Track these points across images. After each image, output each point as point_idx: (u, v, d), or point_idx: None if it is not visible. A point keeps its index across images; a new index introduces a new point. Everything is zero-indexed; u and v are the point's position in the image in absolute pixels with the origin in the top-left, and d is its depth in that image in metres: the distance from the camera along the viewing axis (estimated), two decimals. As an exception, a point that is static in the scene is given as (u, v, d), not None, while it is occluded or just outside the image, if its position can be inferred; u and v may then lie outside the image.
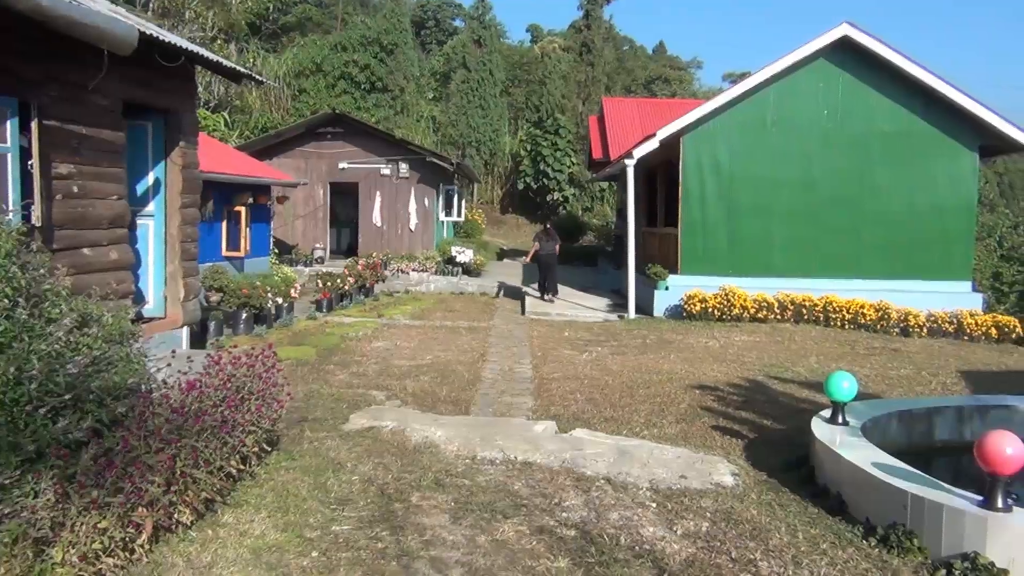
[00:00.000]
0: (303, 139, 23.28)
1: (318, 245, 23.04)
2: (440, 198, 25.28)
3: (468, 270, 21.51)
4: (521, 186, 38.18)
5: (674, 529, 4.90)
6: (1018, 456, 4.45)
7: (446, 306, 16.57)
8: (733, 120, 15.44)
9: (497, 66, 41.09)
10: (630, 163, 15.56)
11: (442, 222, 26.08)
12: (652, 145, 15.28)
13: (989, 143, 15.51)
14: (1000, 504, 4.47)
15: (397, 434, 6.67)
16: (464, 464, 5.99)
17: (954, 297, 14.85)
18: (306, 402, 7.78)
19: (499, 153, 40.01)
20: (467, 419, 7.42)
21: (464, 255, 21.61)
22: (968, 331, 13.98)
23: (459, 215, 28.53)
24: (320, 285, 15.57)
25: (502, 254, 30.29)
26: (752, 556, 4.52)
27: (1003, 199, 50.59)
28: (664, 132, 15.25)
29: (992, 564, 4.32)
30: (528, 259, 18.71)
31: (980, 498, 4.57)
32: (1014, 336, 13.99)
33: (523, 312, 15.88)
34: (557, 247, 17.90)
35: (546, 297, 17.66)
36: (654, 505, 5.29)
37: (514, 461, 6.10)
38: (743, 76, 16.21)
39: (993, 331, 13.95)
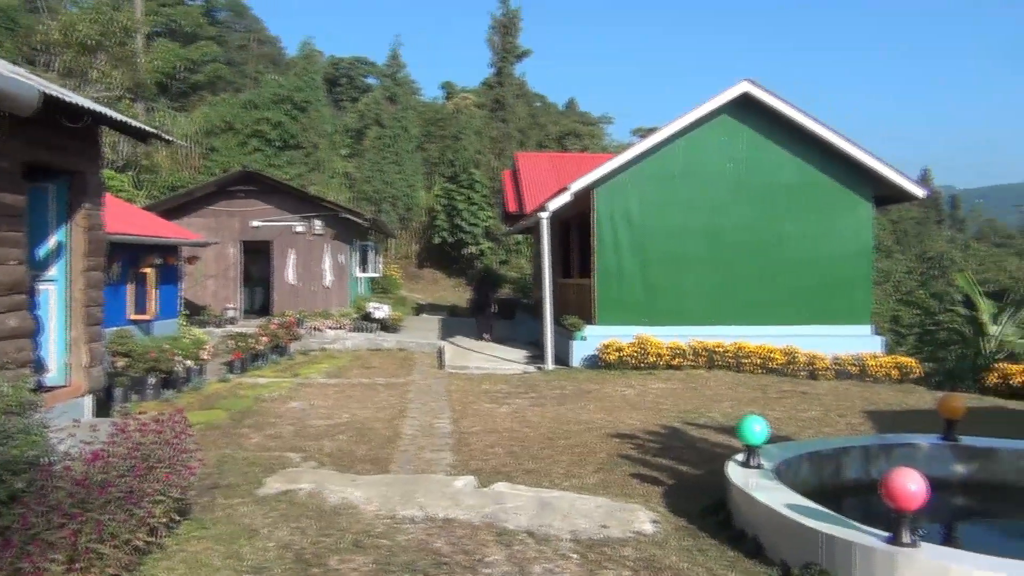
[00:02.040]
0: (214, 198, 22.87)
1: (230, 305, 22.52)
2: (356, 254, 25.10)
3: (385, 326, 21.33)
4: (437, 240, 38.27)
5: (596, 580, 4.90)
6: (921, 492, 4.62)
7: (363, 363, 16.36)
8: (643, 173, 15.88)
9: (411, 122, 41.41)
10: (544, 216, 15.80)
11: (358, 278, 25.87)
12: (565, 198, 15.56)
13: (883, 193, 16.36)
14: (906, 539, 4.62)
15: (314, 496, 6.51)
16: (384, 524, 5.88)
17: (857, 340, 15.45)
18: (219, 467, 7.53)
19: (415, 208, 40.10)
20: (386, 477, 7.30)
21: (381, 311, 21.43)
22: (871, 373, 14.53)
23: (375, 271, 28.36)
24: (232, 346, 15.18)
25: (420, 309, 30.16)
26: (673, 603, 4.55)
27: (899, 246, 53.13)
28: (577, 185, 15.56)
29: (901, 598, 4.45)
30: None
31: (888, 535, 4.72)
32: (913, 377, 14.60)
33: (441, 366, 15.80)
34: (492, 294, 19.41)
35: (485, 336, 19.63)
36: (576, 556, 5.29)
37: (435, 518, 6.02)
38: (651, 131, 16.75)
39: (894, 372, 14.53)
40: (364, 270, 26.41)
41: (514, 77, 43.78)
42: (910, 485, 4.60)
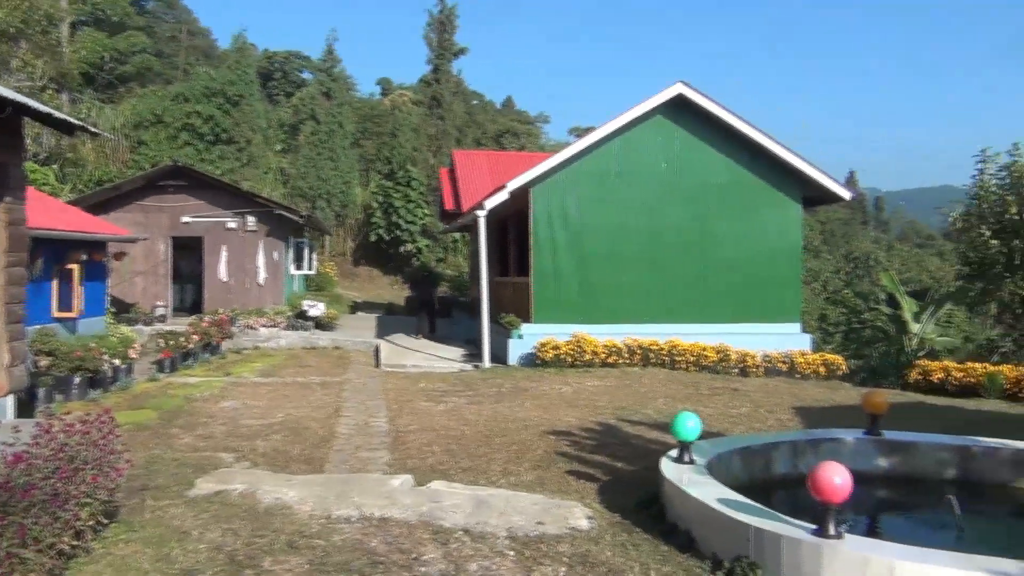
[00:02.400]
0: (143, 192, 22.27)
1: (159, 303, 21.97)
2: (290, 251, 24.74)
3: (321, 324, 21.08)
4: (374, 238, 37.96)
5: (532, 576, 4.94)
6: (846, 486, 4.76)
7: (298, 361, 16.15)
8: (580, 172, 16.02)
9: (347, 118, 40.96)
10: (481, 214, 15.82)
11: (292, 276, 25.50)
12: (503, 196, 15.60)
13: (811, 194, 16.81)
14: (832, 531, 4.76)
15: (247, 497, 6.41)
16: (319, 524, 5.82)
17: (786, 338, 15.86)
18: (148, 469, 7.35)
19: (351, 205, 39.68)
20: (321, 477, 7.23)
21: (316, 309, 21.18)
22: (800, 370, 14.93)
23: (310, 268, 27.99)
24: (162, 344, 14.83)
25: (356, 307, 29.87)
26: (608, 598, 4.62)
27: (826, 246, 54.63)
28: (514, 184, 15.62)
29: (827, 588, 4.59)
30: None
31: (814, 527, 4.86)
32: (840, 373, 15.06)
33: (378, 365, 15.70)
34: (435, 291, 19.38)
35: (420, 336, 19.79)
36: (512, 553, 5.32)
37: (371, 518, 5.98)
38: (588, 130, 16.91)
39: (822, 369, 14.96)
40: (299, 267, 26.05)
41: (451, 75, 43.65)
42: (835, 479, 4.74)
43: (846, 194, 17.01)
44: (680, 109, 16.12)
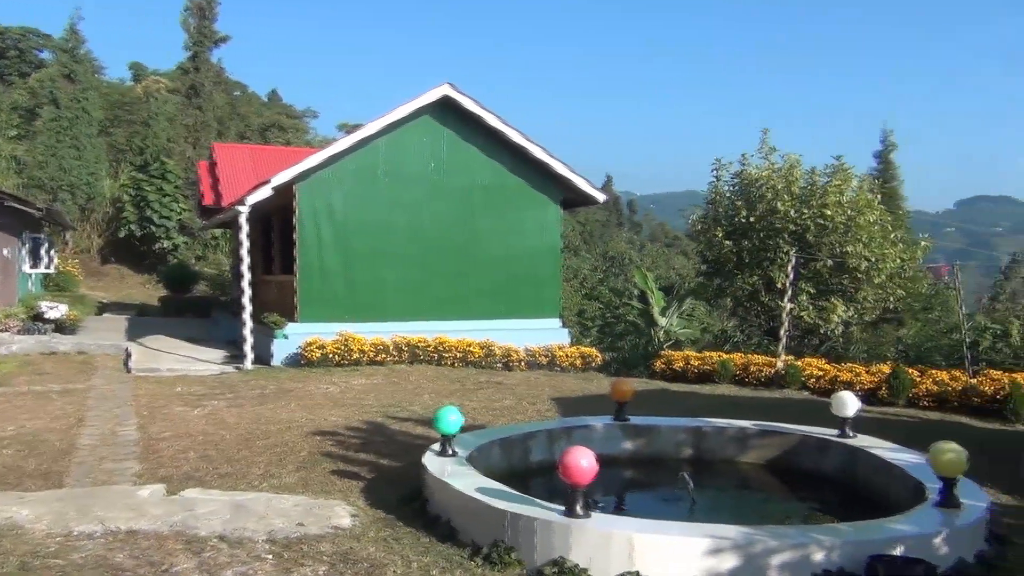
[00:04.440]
0: None
1: None
2: (25, 248, 22.44)
3: (62, 327, 19.28)
4: (124, 234, 35.23)
5: (292, 578, 4.87)
6: (592, 468, 5.11)
7: (34, 368, 14.69)
8: (347, 169, 15.84)
9: (93, 104, 37.67)
10: (243, 210, 15.21)
11: (28, 274, 23.15)
12: (266, 192, 15.10)
13: (570, 196, 17.72)
14: (580, 512, 5.10)
15: (-31, 519, 5.78)
16: (56, 543, 5.38)
17: (547, 333, 16.63)
18: None
19: (98, 198, 36.54)
20: (60, 492, 6.66)
21: (56, 310, 19.34)
22: (559, 363, 15.70)
23: (50, 266, 25.53)
24: None
25: (103, 308, 27.59)
26: (368, 592, 4.65)
27: (585, 245, 57.72)
28: (278, 179, 15.16)
29: (576, 566, 4.91)
30: None
31: (564, 508, 5.18)
32: (595, 365, 16.01)
33: (128, 369, 14.64)
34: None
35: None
36: (271, 557, 5.20)
37: (116, 532, 5.61)
38: (357, 127, 16.77)
39: (579, 361, 15.83)
40: (36, 266, 23.68)
41: (211, 63, 41.50)
42: (582, 462, 5.08)
43: (600, 197, 18.10)
44: (447, 110, 16.40)
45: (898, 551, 4.90)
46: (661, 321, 20.01)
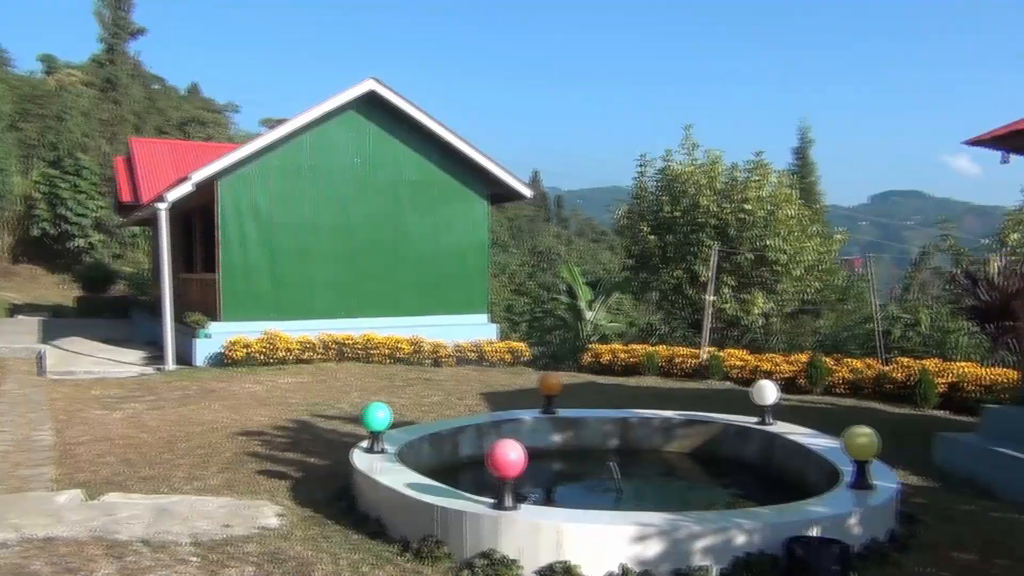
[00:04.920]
0: None
1: None
2: (-71, 247, 21.45)
3: (-30, 330, 18.51)
4: (37, 233, 33.90)
5: (218, 580, 4.79)
6: (520, 461, 5.16)
7: (-59, 374, 14.06)
8: (271, 165, 15.58)
9: (2, 97, 36.18)
10: (163, 207, 14.82)
11: (-67, 275, 22.12)
12: (186, 188, 14.75)
13: (498, 192, 17.79)
14: (509, 504, 5.14)
15: None
16: (-34, 553, 5.18)
17: (476, 328, 16.67)
18: None
19: (8, 196, 35.07)
20: (-30, 501, 6.41)
21: (-36, 313, 18.55)
22: (488, 358, 15.76)
23: (-44, 267, 24.46)
24: None
25: (15, 309, 26.54)
26: (297, 591, 4.61)
27: (514, 240, 57.97)
28: (199, 175, 14.83)
29: (505, 557, 4.95)
30: None
31: (493, 501, 5.22)
32: (524, 359, 16.13)
33: (42, 373, 14.13)
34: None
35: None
36: (196, 559, 5.11)
37: (32, 539, 5.43)
38: (281, 122, 16.49)
39: (507, 356, 15.91)
40: (-60, 266, 22.65)
41: (128, 56, 40.25)
42: (510, 455, 5.12)
43: (527, 192, 18.21)
44: (373, 105, 16.26)
45: (815, 532, 5.09)
46: (588, 315, 20.23)
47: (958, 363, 12.78)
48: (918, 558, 5.38)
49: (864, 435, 5.72)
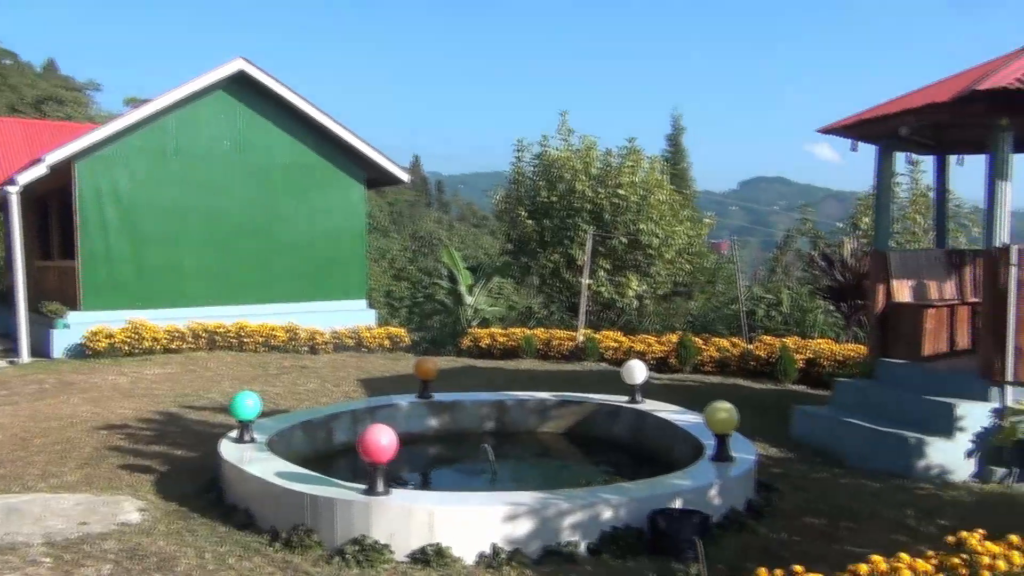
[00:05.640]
0: None
1: None
2: None
3: None
4: None
5: (73, 580, 4.58)
6: (392, 445, 5.14)
7: None
8: (133, 147, 14.87)
9: None
10: (14, 190, 13.90)
11: None
12: (41, 171, 13.90)
13: (375, 176, 17.57)
14: (381, 489, 5.12)
15: None
16: None
17: (354, 314, 16.45)
18: None
19: None
20: None
21: None
22: (367, 344, 15.58)
23: None
24: None
25: None
26: (157, 587, 4.46)
27: (395, 225, 57.35)
28: (54, 156, 14.00)
29: (377, 542, 4.93)
30: None
31: (365, 487, 5.18)
32: (403, 345, 16.03)
33: None
34: None
35: None
36: (49, 560, 4.86)
37: None
38: (147, 102, 15.72)
39: (386, 342, 15.78)
40: None
41: (-26, 27, 37.40)
42: (382, 439, 5.10)
43: (405, 176, 18.09)
44: (243, 86, 15.74)
45: (677, 504, 5.30)
46: (469, 300, 20.28)
47: (816, 340, 13.52)
48: (772, 524, 5.69)
49: (724, 410, 5.99)
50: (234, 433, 6.63)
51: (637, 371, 8.03)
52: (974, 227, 16.82)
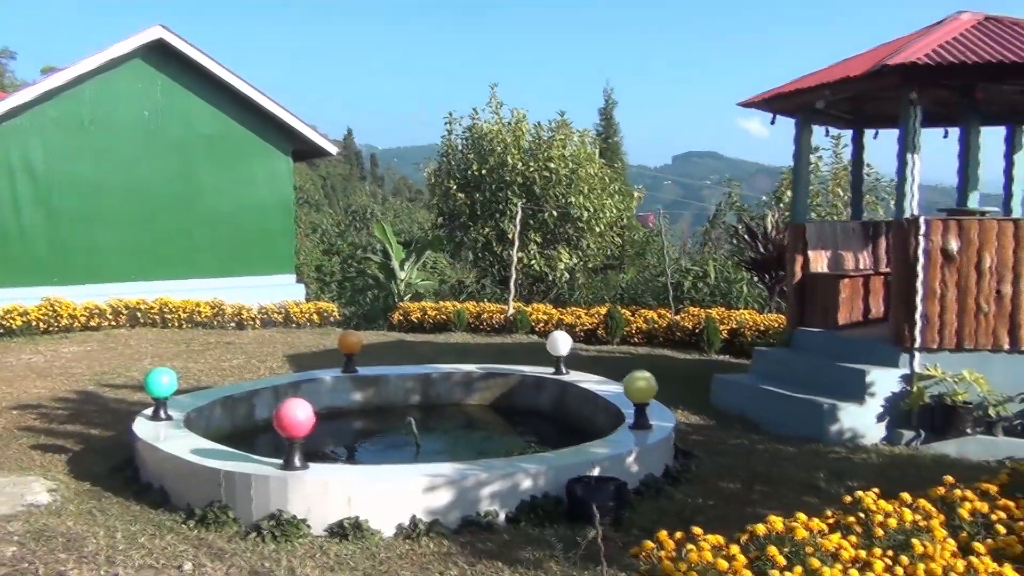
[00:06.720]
0: None
1: None
2: None
3: None
4: None
5: (-26, 564, 4.43)
6: (309, 420, 5.10)
7: None
8: (46, 117, 14.32)
9: None
10: (-83, 162, 13.30)
11: None
12: (-55, 142, 13.30)
13: (301, 148, 17.26)
14: (298, 464, 5.08)
15: None
16: None
17: (281, 289, 16.19)
18: None
19: None
20: None
21: None
22: (295, 319, 15.38)
23: None
24: None
25: None
26: (63, 568, 4.35)
27: (327, 199, 56.55)
28: (-40, 128, 13.41)
29: (294, 517, 4.89)
30: None
31: (281, 462, 5.13)
32: (333, 320, 15.87)
33: None
34: None
35: None
36: (-51, 544, 4.70)
37: None
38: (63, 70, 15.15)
39: (316, 317, 15.60)
40: None
41: None
42: (298, 414, 5.05)
43: (332, 148, 17.82)
44: (162, 55, 15.26)
45: (596, 472, 5.38)
46: (401, 274, 20.18)
47: (740, 311, 13.82)
48: (689, 490, 5.82)
49: (642, 379, 6.08)
50: (149, 411, 6.48)
51: (561, 343, 8.10)
52: (892, 200, 17.33)
